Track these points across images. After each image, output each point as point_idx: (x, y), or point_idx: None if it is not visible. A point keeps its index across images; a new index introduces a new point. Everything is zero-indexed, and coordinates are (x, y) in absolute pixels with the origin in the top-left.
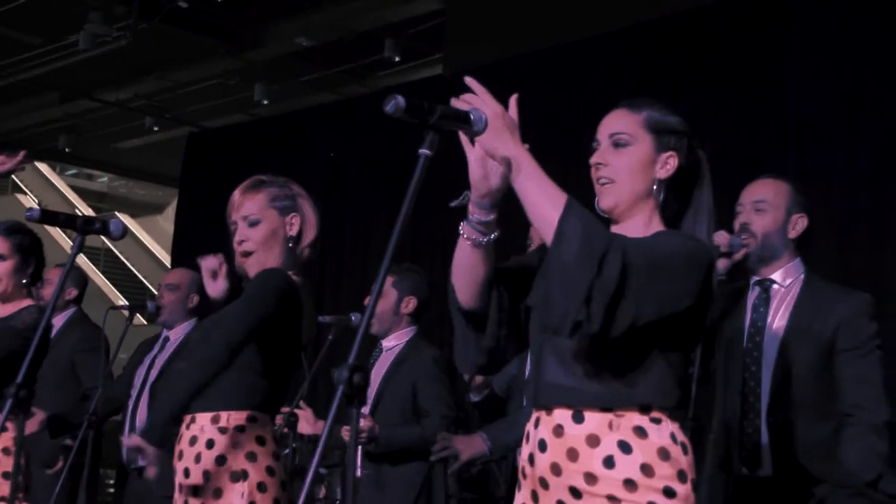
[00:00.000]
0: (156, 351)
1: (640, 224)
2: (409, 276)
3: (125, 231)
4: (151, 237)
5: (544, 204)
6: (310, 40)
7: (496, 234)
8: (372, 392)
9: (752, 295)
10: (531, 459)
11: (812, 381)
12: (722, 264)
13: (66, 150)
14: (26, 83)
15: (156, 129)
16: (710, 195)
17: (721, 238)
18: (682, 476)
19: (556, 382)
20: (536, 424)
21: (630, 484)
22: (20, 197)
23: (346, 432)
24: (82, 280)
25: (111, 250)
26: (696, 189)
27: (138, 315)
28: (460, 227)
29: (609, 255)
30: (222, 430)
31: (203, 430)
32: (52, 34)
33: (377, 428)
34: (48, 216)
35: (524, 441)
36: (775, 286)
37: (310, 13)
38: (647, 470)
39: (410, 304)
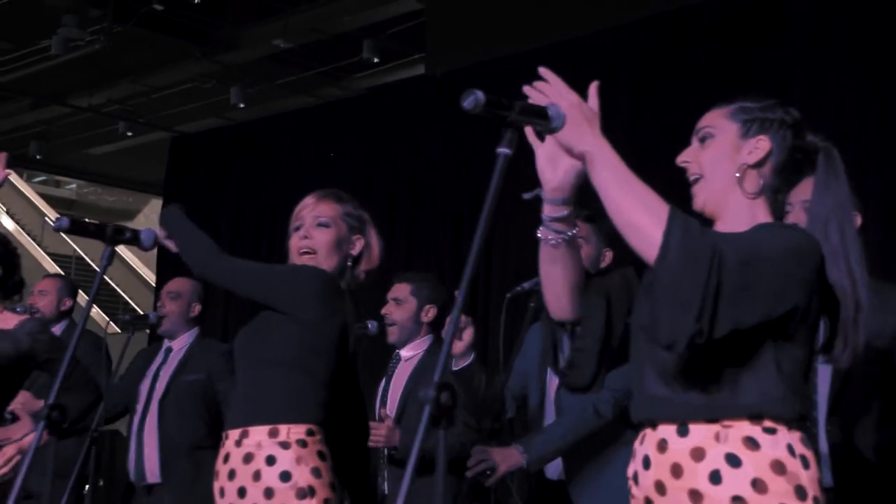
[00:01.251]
0: (159, 362)
1: (741, 217)
2: (427, 284)
3: (157, 241)
4: (123, 245)
5: (635, 209)
6: (287, 42)
7: (575, 230)
8: (394, 402)
9: None
10: (636, 478)
11: (872, 382)
12: None
13: (38, 156)
14: None
15: (129, 134)
16: (841, 184)
17: None
18: (800, 492)
19: (658, 394)
20: (642, 441)
21: (739, 501)
22: None
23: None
24: (75, 290)
25: (82, 258)
26: (819, 171)
27: (112, 324)
28: (538, 232)
29: (713, 262)
30: (284, 445)
31: (261, 445)
32: (24, 39)
33: (398, 434)
34: (77, 226)
35: (631, 458)
36: None
37: (286, 15)
38: (758, 485)
39: (430, 312)
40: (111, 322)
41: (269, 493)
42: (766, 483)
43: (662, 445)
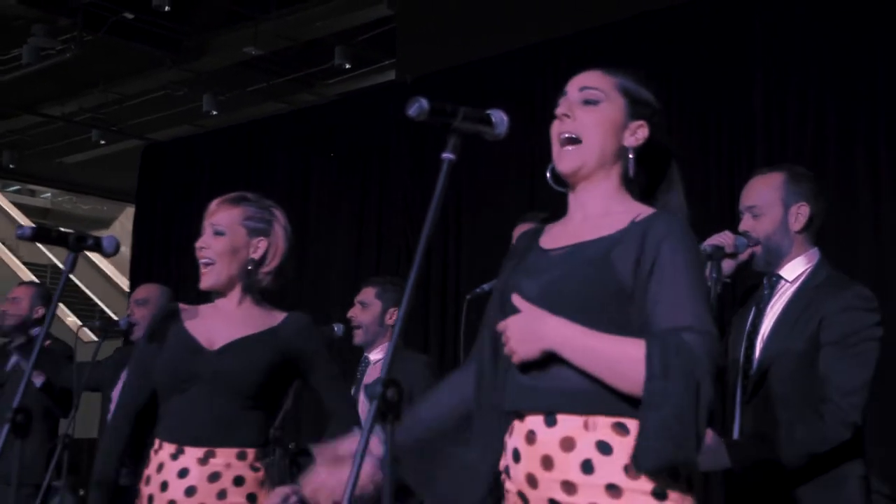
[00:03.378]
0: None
1: (604, 193)
2: (392, 287)
3: (118, 247)
4: (87, 251)
5: (620, 363)
6: (258, 49)
7: None
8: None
9: (761, 291)
10: (507, 472)
11: (793, 375)
12: (727, 266)
13: (10, 166)
14: None
15: (102, 142)
16: (681, 187)
17: (726, 238)
18: (673, 473)
19: (525, 384)
20: (511, 433)
21: (613, 489)
22: None
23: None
24: (49, 297)
25: (57, 266)
26: (668, 167)
27: (86, 330)
28: None
29: (701, 379)
30: (254, 469)
31: (230, 466)
32: None
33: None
34: (40, 234)
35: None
36: (781, 282)
37: (257, 22)
38: (630, 471)
39: (395, 315)
40: (84, 328)
41: None
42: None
43: (531, 437)
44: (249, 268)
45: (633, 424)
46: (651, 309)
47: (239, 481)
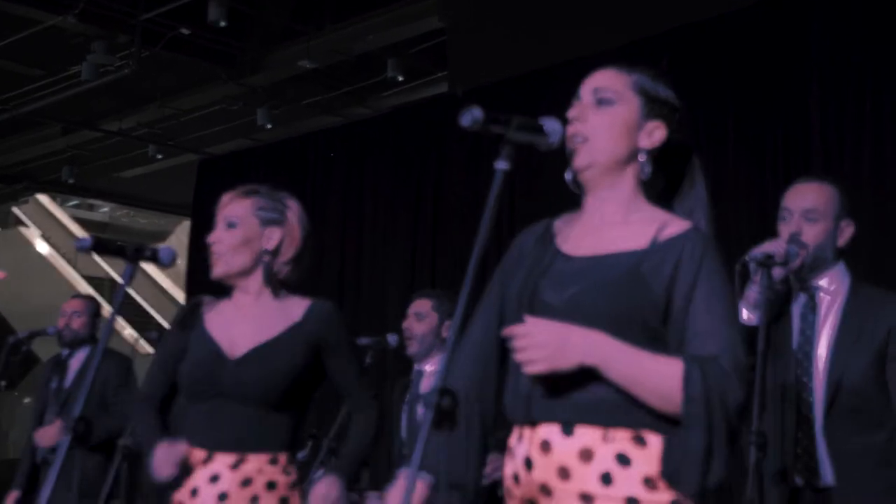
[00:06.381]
0: None
1: (619, 196)
2: (448, 299)
3: (175, 258)
4: (144, 262)
5: (663, 382)
6: (312, 63)
7: None
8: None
9: (799, 303)
10: (516, 479)
11: (865, 389)
12: (777, 273)
13: (70, 181)
14: (29, 116)
15: (159, 157)
16: (703, 181)
17: (778, 247)
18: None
19: (540, 394)
20: (520, 438)
21: (632, 502)
22: (23, 230)
23: None
24: (100, 308)
25: (114, 279)
26: (686, 170)
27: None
28: None
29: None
30: (286, 473)
31: (262, 471)
32: (54, 66)
33: None
34: (99, 245)
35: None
36: (821, 293)
37: (311, 37)
38: (650, 483)
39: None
40: (140, 340)
41: None
42: (656, 480)
43: (546, 446)
44: (265, 259)
45: (651, 438)
46: (689, 334)
47: (272, 486)
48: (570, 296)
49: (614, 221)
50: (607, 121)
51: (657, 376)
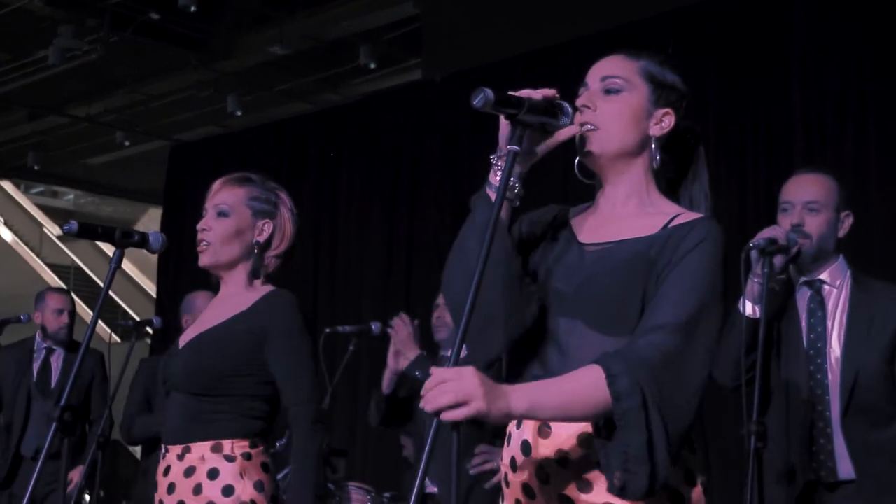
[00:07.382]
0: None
1: (630, 187)
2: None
3: (165, 243)
4: (132, 247)
5: (585, 404)
6: (283, 49)
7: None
8: None
9: (804, 296)
10: (513, 464)
11: (878, 385)
12: (778, 261)
13: (36, 167)
14: None
15: (127, 143)
16: (706, 170)
17: (778, 232)
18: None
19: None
20: (518, 424)
21: None
22: None
23: None
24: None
25: (81, 268)
26: (693, 157)
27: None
28: None
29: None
30: (229, 459)
31: (204, 459)
32: (21, 50)
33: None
34: (86, 230)
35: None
36: (826, 287)
37: (282, 22)
38: None
39: None
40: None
41: None
42: None
43: (543, 431)
44: (255, 251)
45: None
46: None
47: (213, 474)
48: (577, 285)
49: (628, 213)
50: (617, 109)
51: (582, 391)
